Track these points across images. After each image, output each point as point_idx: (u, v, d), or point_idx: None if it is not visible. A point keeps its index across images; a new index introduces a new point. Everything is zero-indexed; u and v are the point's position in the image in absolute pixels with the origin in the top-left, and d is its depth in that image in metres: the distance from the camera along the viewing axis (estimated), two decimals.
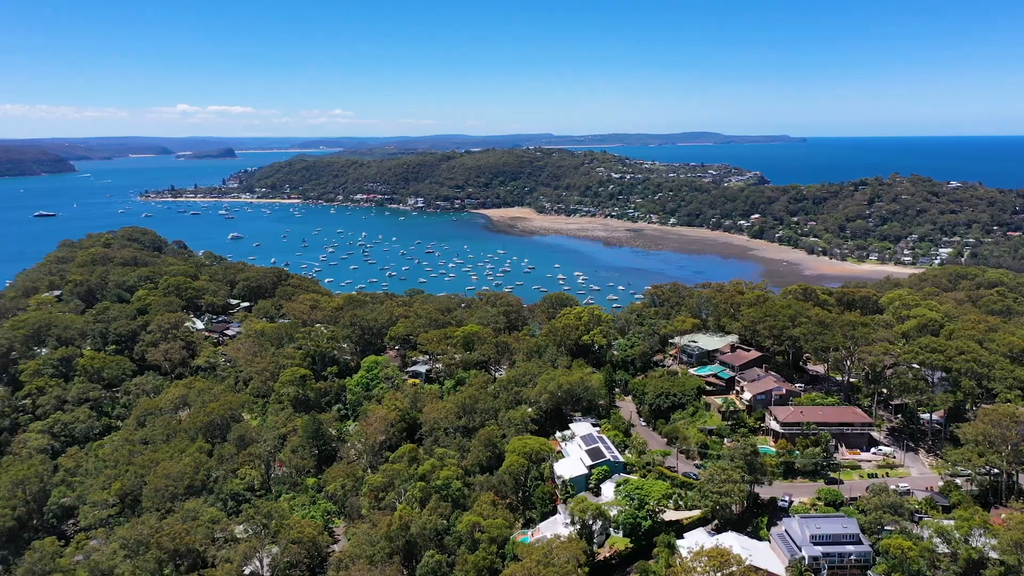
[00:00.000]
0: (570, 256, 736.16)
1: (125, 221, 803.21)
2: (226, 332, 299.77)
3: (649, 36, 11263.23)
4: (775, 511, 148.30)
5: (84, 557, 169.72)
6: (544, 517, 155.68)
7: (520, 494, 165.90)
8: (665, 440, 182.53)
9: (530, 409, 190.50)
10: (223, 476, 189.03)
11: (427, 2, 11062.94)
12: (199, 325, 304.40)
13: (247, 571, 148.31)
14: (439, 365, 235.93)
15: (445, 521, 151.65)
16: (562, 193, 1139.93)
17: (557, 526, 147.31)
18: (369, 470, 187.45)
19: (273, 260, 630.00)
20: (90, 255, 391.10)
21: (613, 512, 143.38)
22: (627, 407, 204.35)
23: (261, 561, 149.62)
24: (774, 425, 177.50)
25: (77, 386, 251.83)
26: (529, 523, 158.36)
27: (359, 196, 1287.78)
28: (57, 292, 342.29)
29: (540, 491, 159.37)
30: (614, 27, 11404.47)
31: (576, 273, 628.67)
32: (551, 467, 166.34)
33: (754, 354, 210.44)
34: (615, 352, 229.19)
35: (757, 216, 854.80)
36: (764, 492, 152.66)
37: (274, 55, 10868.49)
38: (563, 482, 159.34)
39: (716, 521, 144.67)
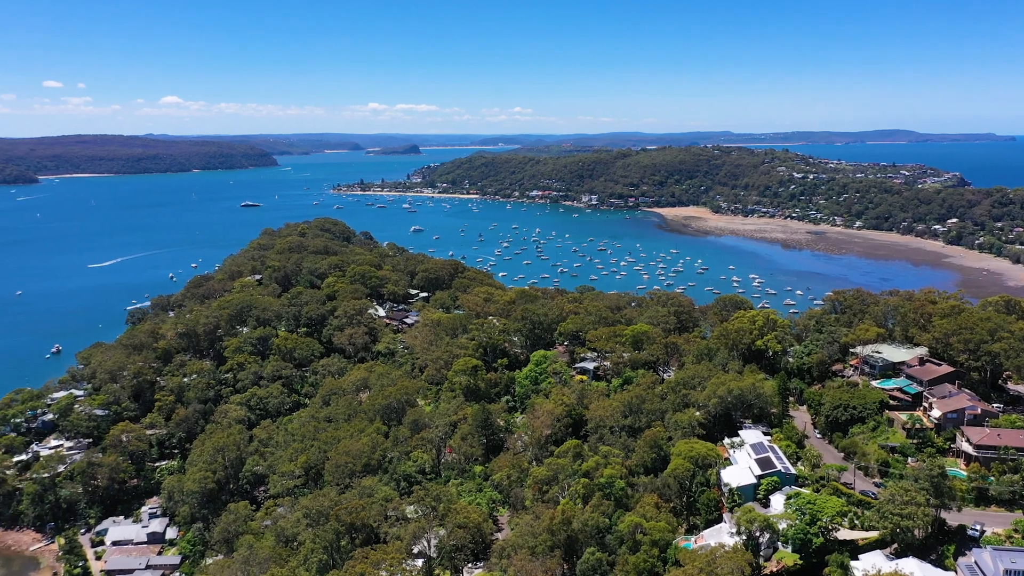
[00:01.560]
0: (745, 258, 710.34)
1: (319, 212, 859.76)
2: (405, 320, 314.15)
3: (833, 29, 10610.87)
4: (963, 540, 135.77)
5: (272, 522, 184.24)
6: (708, 524, 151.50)
7: (684, 499, 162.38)
8: (842, 455, 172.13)
9: (698, 413, 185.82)
10: (397, 457, 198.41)
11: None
12: (381, 312, 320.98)
13: (415, 550, 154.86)
14: (607, 363, 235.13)
15: (607, 519, 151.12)
16: (739, 193, 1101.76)
17: (722, 535, 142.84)
18: (534, 463, 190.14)
19: (451, 253, 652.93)
20: (287, 243, 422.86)
21: (782, 525, 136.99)
22: (801, 417, 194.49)
23: (428, 542, 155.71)
24: (966, 447, 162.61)
25: (272, 364, 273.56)
26: (693, 529, 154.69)
27: (534, 193, 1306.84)
28: (258, 276, 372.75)
29: (705, 497, 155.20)
30: (796, 19, 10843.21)
31: (751, 275, 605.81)
32: (718, 474, 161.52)
33: (946, 369, 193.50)
34: (790, 359, 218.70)
35: (954, 221, 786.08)
36: (951, 518, 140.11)
37: (459, 56, 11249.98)
38: (730, 490, 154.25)
39: (895, 545, 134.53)
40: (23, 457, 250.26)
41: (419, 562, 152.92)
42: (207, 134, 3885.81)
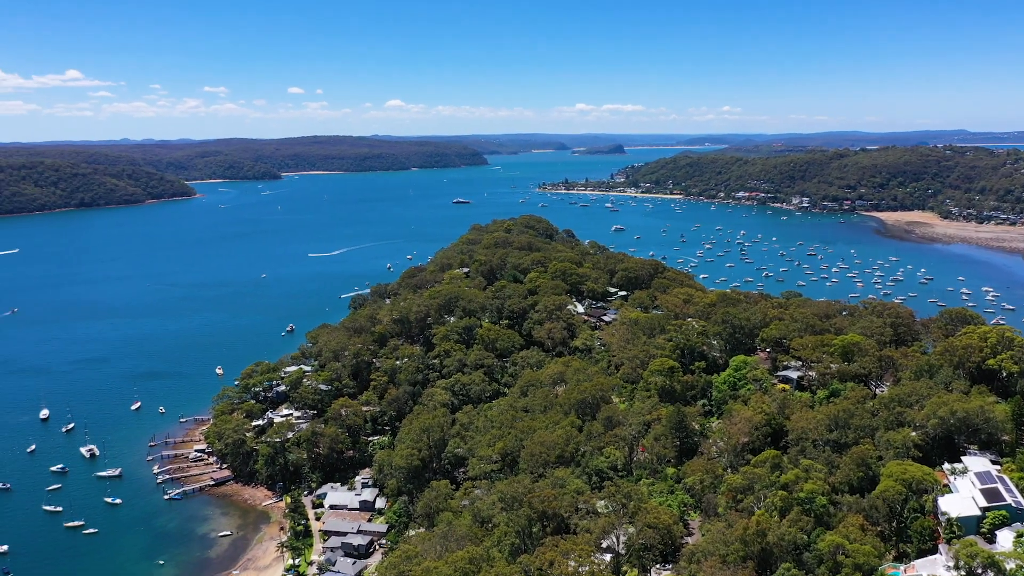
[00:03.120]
0: (978, 268, 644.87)
1: (524, 210, 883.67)
2: (603, 318, 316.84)
3: None
4: None
5: (469, 503, 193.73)
6: (921, 554, 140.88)
7: (894, 524, 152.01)
8: None
9: (914, 433, 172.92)
10: (590, 452, 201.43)
11: None
12: (580, 309, 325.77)
13: (604, 544, 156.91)
14: (812, 373, 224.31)
15: (805, 536, 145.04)
16: (974, 197, 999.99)
17: (936, 567, 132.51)
18: (729, 470, 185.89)
19: (651, 253, 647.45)
20: (493, 239, 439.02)
21: (1010, 565, 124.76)
22: None
23: (617, 538, 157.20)
24: None
25: (475, 353, 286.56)
26: (902, 557, 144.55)
27: (741, 194, 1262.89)
28: (465, 269, 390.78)
29: (918, 525, 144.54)
30: None
31: (985, 288, 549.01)
32: (934, 501, 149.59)
33: None
34: None
35: None
36: None
37: (668, 56, 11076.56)
38: (948, 520, 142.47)
39: None
40: (260, 422, 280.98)
41: (607, 557, 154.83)
42: (425, 135, 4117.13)
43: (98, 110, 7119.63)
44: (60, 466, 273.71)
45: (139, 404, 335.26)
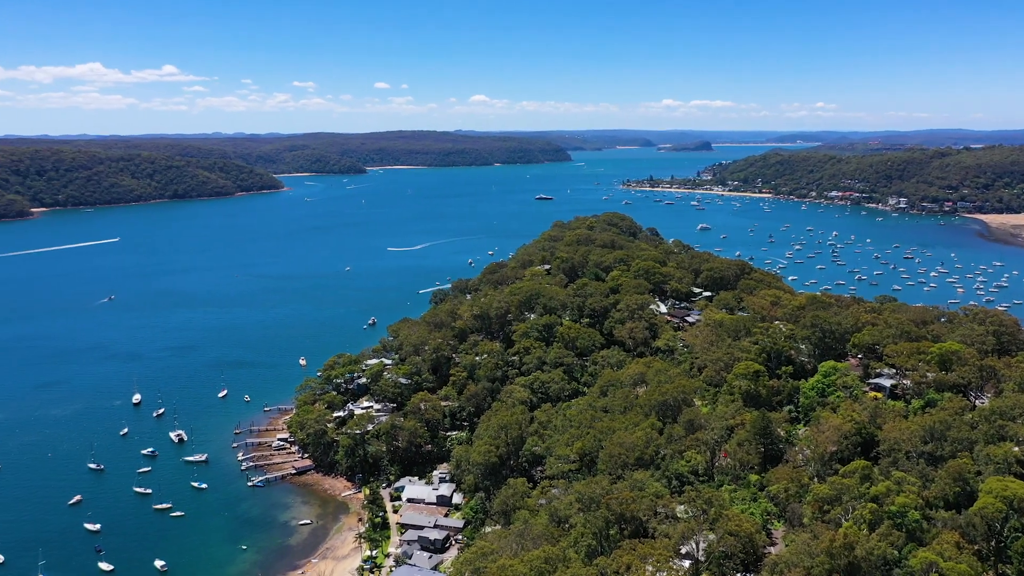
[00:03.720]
0: None
1: (607, 207, 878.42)
2: (686, 318, 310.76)
3: None
4: None
5: (546, 502, 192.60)
6: None
7: (993, 543, 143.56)
8: None
9: (1017, 449, 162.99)
10: (670, 455, 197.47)
11: None
12: (662, 309, 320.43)
13: (683, 550, 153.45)
14: (907, 381, 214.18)
15: (896, 552, 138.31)
16: None
17: None
18: (815, 479, 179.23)
19: (738, 253, 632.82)
20: (575, 236, 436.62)
21: None
22: None
23: (697, 544, 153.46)
24: None
25: (555, 351, 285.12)
26: None
27: (833, 193, 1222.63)
28: (547, 266, 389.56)
29: (1019, 545, 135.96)
30: None
31: None
32: None
33: None
34: None
35: None
36: None
37: (759, 50, 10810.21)
38: None
39: None
40: (341, 414, 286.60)
41: (686, 563, 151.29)
42: (508, 130, 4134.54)
43: (192, 104, 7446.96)
44: (150, 450, 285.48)
45: (226, 392, 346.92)
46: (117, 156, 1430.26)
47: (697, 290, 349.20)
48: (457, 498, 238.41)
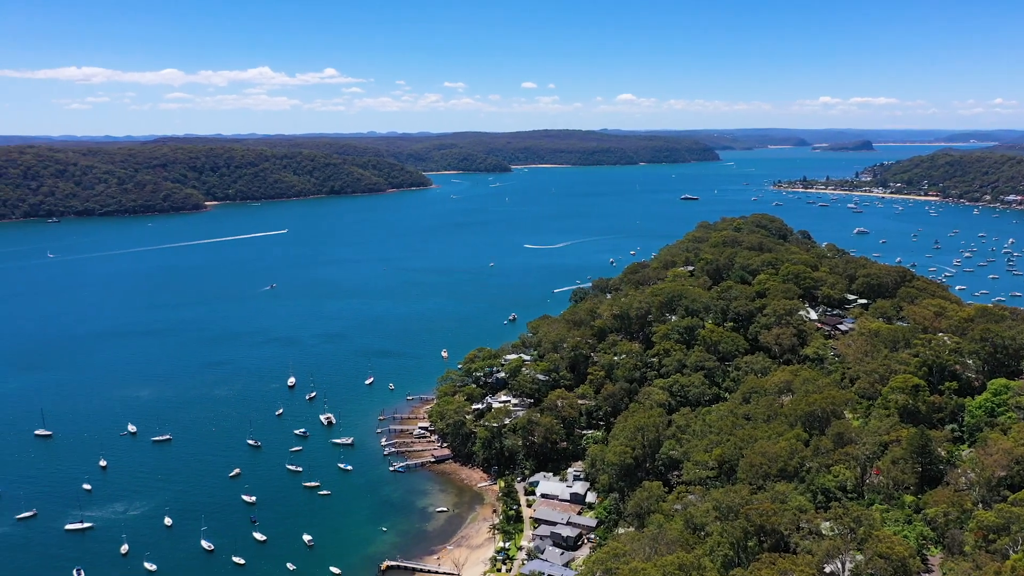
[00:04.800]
0: None
1: (755, 208, 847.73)
2: (838, 326, 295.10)
3: None
4: None
5: (681, 507, 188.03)
6: None
7: None
8: None
9: None
10: (816, 468, 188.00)
11: None
12: (812, 315, 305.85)
13: (827, 569, 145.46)
14: None
15: None
16: None
17: None
18: (980, 505, 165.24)
19: (898, 259, 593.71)
20: (721, 237, 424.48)
21: None
22: None
23: (843, 564, 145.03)
24: None
25: (696, 354, 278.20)
26: None
27: (1011, 197, 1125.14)
28: (690, 267, 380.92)
29: None
30: None
31: None
32: None
33: None
34: None
35: None
36: None
37: (927, 42, 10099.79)
38: None
39: None
40: (479, 406, 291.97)
41: None
42: (654, 129, 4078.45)
43: (349, 105, 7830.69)
44: (302, 430, 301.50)
45: (372, 379, 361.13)
46: (281, 154, 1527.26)
47: (851, 297, 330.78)
48: (591, 497, 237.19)
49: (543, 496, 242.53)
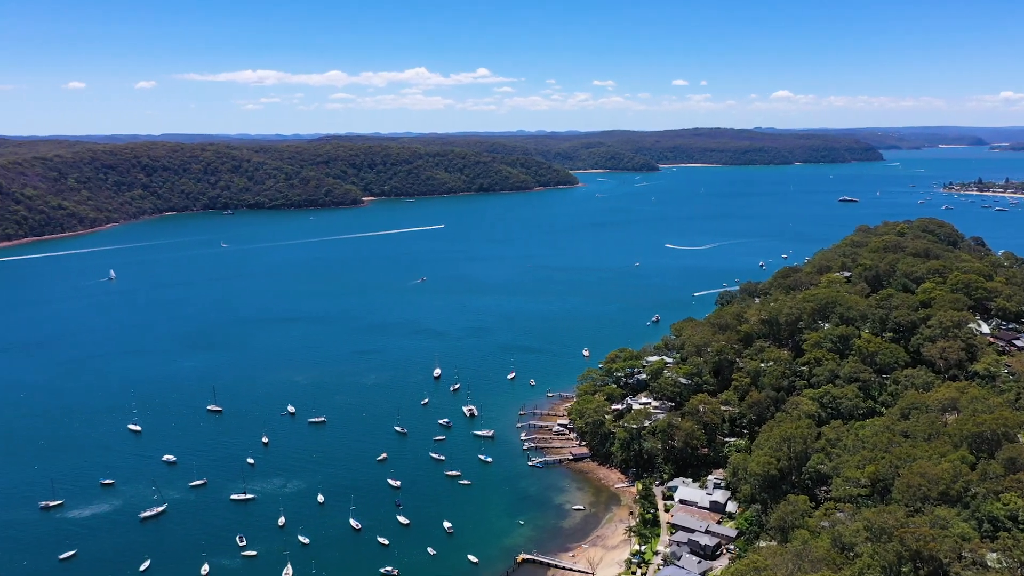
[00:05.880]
0: None
1: (922, 212, 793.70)
2: (1014, 342, 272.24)
3: None
4: None
5: (829, 525, 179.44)
6: None
7: None
8: None
9: None
10: (983, 494, 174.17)
11: None
12: (984, 329, 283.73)
13: None
14: None
15: None
16: None
17: None
18: None
19: None
20: (883, 242, 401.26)
21: None
22: None
23: None
24: None
25: (850, 365, 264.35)
26: None
27: None
28: (847, 273, 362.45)
29: None
30: None
31: None
32: None
33: None
34: None
35: None
36: None
37: None
38: None
39: None
40: (619, 407, 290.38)
41: None
42: (811, 127, 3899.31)
43: (500, 104, 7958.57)
44: (445, 420, 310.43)
45: (514, 374, 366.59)
46: (433, 152, 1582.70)
47: None
48: (731, 506, 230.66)
49: (681, 502, 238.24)
